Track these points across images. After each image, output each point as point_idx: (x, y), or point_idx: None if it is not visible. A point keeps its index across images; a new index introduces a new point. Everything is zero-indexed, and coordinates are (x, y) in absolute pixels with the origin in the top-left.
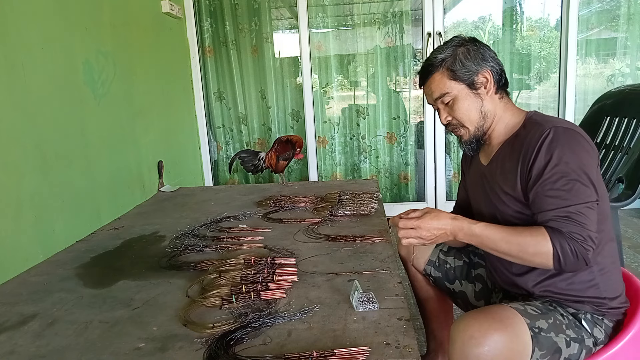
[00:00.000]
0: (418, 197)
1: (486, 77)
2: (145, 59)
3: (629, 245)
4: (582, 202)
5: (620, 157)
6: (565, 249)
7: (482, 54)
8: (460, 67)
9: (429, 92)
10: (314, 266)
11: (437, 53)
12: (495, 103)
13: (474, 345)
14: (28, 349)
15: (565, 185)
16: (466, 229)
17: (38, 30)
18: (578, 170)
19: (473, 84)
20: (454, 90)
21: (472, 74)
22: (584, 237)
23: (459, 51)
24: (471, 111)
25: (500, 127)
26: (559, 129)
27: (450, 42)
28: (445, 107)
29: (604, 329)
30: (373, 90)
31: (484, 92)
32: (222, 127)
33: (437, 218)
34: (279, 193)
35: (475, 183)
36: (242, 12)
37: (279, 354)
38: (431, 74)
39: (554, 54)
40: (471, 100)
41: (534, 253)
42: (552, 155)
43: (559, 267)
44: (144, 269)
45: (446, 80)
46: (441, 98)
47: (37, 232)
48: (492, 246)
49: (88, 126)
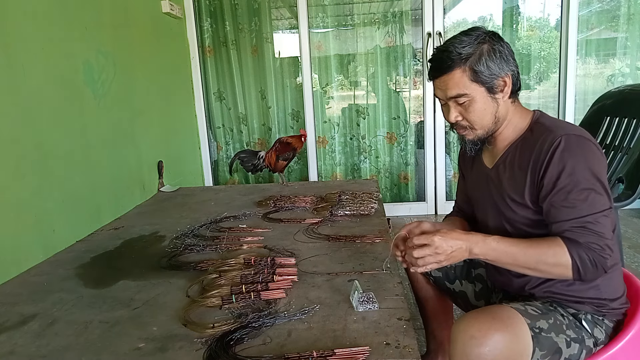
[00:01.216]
0: (418, 197)
1: (506, 81)
2: (145, 59)
3: (629, 245)
4: (598, 212)
5: (620, 157)
6: (584, 259)
7: (506, 56)
8: (484, 68)
9: (444, 87)
10: (314, 266)
11: (460, 45)
12: (507, 107)
13: (475, 345)
14: (28, 349)
15: (579, 195)
16: (481, 243)
17: (38, 30)
18: (592, 178)
19: (492, 88)
20: (472, 92)
21: (494, 77)
22: (601, 247)
23: (484, 49)
24: (486, 115)
25: (508, 130)
26: (571, 136)
27: (471, 33)
28: (457, 106)
29: (604, 329)
30: (373, 90)
31: (500, 96)
32: (222, 127)
33: (450, 236)
34: (279, 193)
35: (480, 186)
36: (242, 12)
37: (279, 354)
38: (451, 69)
39: (554, 54)
40: (488, 104)
41: (552, 264)
42: (564, 165)
43: (578, 278)
44: (144, 269)
45: (466, 80)
46: (456, 98)
47: (37, 232)
48: (509, 260)
49: (88, 126)
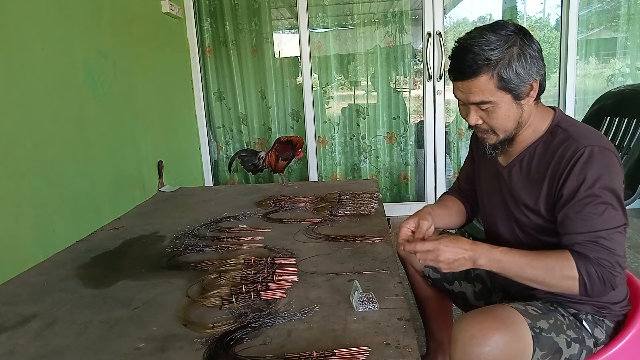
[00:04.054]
0: (418, 197)
1: (533, 86)
2: (145, 59)
3: (629, 246)
4: (612, 227)
5: (620, 157)
6: (592, 275)
7: (536, 60)
8: (514, 75)
9: (466, 91)
10: (314, 266)
11: (488, 47)
12: (531, 110)
13: (475, 345)
14: (28, 349)
15: (596, 208)
16: (487, 254)
17: (38, 30)
18: (610, 193)
19: (519, 94)
20: (498, 99)
21: (523, 84)
22: (611, 263)
23: (514, 53)
24: (509, 121)
25: (528, 132)
26: (595, 149)
27: (500, 31)
28: (479, 110)
29: (604, 329)
30: (373, 90)
31: (526, 101)
32: (222, 127)
33: (454, 242)
34: (279, 193)
35: (489, 182)
36: (242, 12)
37: (279, 354)
38: (476, 74)
39: (554, 54)
40: (512, 111)
41: (559, 278)
42: (585, 177)
43: (584, 293)
44: (144, 269)
45: (493, 87)
46: (479, 104)
47: (37, 232)
48: (515, 272)
49: (88, 126)
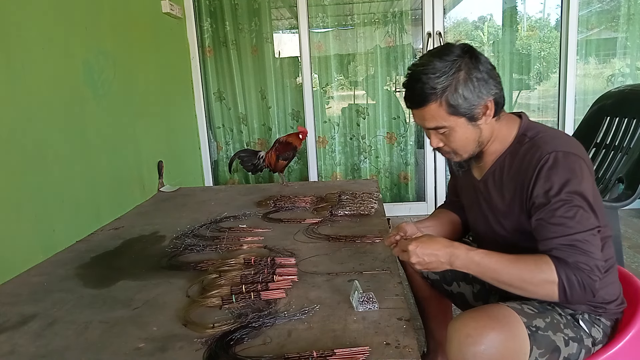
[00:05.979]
0: (418, 197)
1: (488, 106)
2: (145, 59)
3: (629, 245)
4: (586, 230)
5: (620, 157)
6: (571, 280)
7: (485, 80)
8: (462, 101)
9: (421, 118)
10: (314, 266)
11: (434, 75)
12: (492, 126)
13: (471, 343)
14: (28, 349)
15: (567, 212)
16: (463, 256)
17: (38, 30)
18: (578, 197)
19: (473, 116)
20: (451, 123)
21: (474, 107)
22: (590, 267)
23: (460, 78)
24: (468, 143)
25: (496, 144)
26: (559, 154)
27: (445, 57)
28: (437, 133)
29: (602, 328)
30: (373, 90)
31: (483, 121)
32: (222, 127)
33: (429, 243)
34: (279, 193)
35: (469, 195)
36: (242, 12)
37: (279, 354)
38: (426, 103)
39: (554, 54)
40: (469, 132)
41: (538, 283)
42: (552, 184)
43: (564, 299)
44: (144, 269)
45: (444, 113)
46: (435, 129)
47: (37, 232)
48: (493, 275)
49: (88, 126)
